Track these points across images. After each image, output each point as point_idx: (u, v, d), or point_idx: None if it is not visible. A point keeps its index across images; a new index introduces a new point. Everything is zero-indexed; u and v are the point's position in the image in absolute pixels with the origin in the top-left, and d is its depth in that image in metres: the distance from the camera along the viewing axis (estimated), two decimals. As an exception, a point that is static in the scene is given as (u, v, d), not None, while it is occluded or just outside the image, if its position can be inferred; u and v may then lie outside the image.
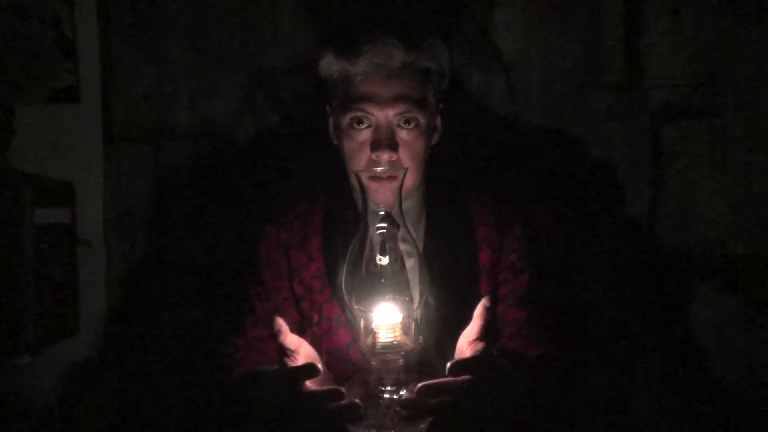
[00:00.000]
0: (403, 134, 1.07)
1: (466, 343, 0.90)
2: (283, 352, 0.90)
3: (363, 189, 0.96)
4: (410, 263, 0.93)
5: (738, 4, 1.42)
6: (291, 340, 0.92)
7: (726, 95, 1.43)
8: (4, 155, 1.51)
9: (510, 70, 1.48)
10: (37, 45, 1.52)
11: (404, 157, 1.07)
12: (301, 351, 0.93)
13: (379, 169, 1.04)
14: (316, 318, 1.12)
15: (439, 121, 1.17)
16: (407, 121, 1.07)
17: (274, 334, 1.11)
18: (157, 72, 1.53)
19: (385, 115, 1.06)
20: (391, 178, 1.01)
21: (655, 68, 1.45)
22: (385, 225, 0.91)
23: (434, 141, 1.17)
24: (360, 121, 1.07)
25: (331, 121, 1.17)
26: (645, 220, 1.47)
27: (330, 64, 1.11)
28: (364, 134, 1.07)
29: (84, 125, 1.54)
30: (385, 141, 1.05)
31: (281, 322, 0.91)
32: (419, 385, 0.84)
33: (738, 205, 1.44)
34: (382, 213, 0.92)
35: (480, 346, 0.88)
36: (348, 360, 1.09)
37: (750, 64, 1.42)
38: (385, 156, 1.05)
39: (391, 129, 1.06)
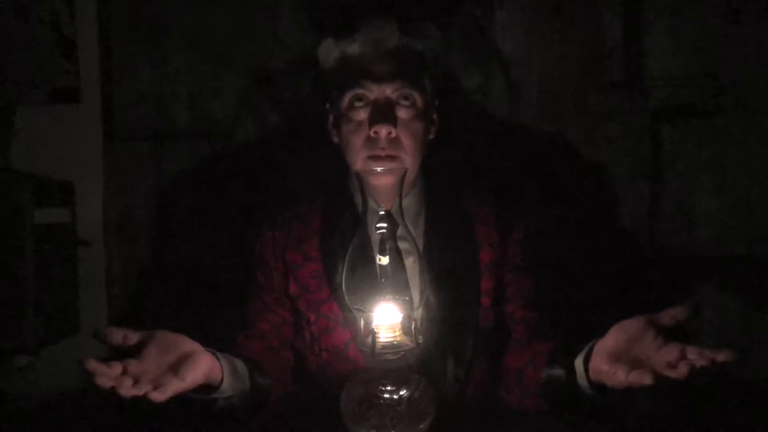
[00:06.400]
0: (401, 112, 1.09)
1: (652, 332, 0.80)
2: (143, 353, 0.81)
3: (363, 188, 0.97)
4: (409, 261, 0.93)
5: (738, 4, 1.42)
6: (132, 338, 0.82)
7: (726, 95, 1.43)
8: (4, 155, 1.51)
9: (510, 70, 1.48)
10: (37, 45, 1.52)
11: (402, 135, 1.08)
12: (156, 339, 0.84)
13: (379, 169, 1.04)
14: (313, 317, 1.12)
15: (436, 116, 1.18)
16: (405, 98, 1.09)
17: (258, 335, 1.12)
18: (157, 72, 1.53)
19: (382, 90, 1.08)
20: (390, 157, 1.03)
21: (655, 68, 1.45)
22: (384, 225, 0.90)
23: (432, 135, 1.17)
24: (359, 99, 1.09)
25: (330, 118, 1.18)
26: (645, 220, 1.47)
27: (329, 50, 1.13)
28: (362, 114, 1.09)
29: (84, 125, 1.54)
30: (382, 115, 1.06)
31: (110, 334, 0.81)
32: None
33: (738, 205, 1.44)
34: (382, 213, 0.92)
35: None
36: (347, 357, 1.09)
37: (750, 64, 1.42)
38: (383, 130, 1.06)
39: (390, 105, 1.08)
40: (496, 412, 1.10)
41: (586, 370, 0.88)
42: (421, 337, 0.90)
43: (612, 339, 0.84)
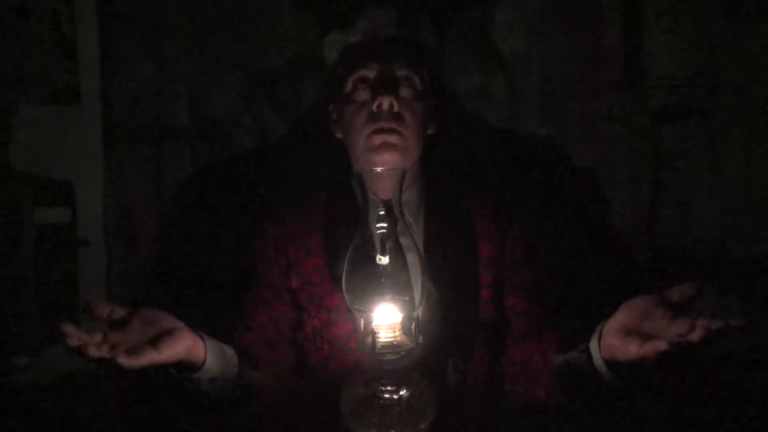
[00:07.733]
0: (402, 91, 1.11)
1: (662, 309, 0.82)
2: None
3: (363, 184, 0.97)
4: (409, 257, 0.93)
5: (738, 4, 1.42)
6: (118, 312, 0.85)
7: (726, 95, 1.43)
8: (4, 155, 1.51)
9: (510, 70, 1.48)
10: (37, 45, 1.52)
11: (405, 113, 1.10)
12: (140, 314, 0.88)
13: (379, 169, 1.05)
14: (315, 311, 1.12)
15: (434, 112, 1.20)
16: (406, 78, 1.12)
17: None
18: (157, 72, 1.53)
19: (383, 70, 1.11)
20: (393, 131, 1.06)
21: (655, 68, 1.45)
22: (385, 225, 0.91)
23: (431, 130, 1.19)
24: (362, 81, 1.12)
25: (333, 115, 1.20)
26: (645, 220, 1.47)
27: (333, 42, 1.18)
28: (364, 94, 1.11)
29: (84, 125, 1.54)
30: (385, 88, 1.08)
31: (98, 308, 0.84)
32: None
33: (738, 205, 1.44)
34: (382, 212, 0.92)
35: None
36: (349, 349, 1.09)
37: (750, 64, 1.42)
38: (386, 102, 1.07)
39: (392, 80, 1.10)
40: (497, 412, 1.10)
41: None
42: (421, 336, 0.90)
43: (622, 316, 0.86)
